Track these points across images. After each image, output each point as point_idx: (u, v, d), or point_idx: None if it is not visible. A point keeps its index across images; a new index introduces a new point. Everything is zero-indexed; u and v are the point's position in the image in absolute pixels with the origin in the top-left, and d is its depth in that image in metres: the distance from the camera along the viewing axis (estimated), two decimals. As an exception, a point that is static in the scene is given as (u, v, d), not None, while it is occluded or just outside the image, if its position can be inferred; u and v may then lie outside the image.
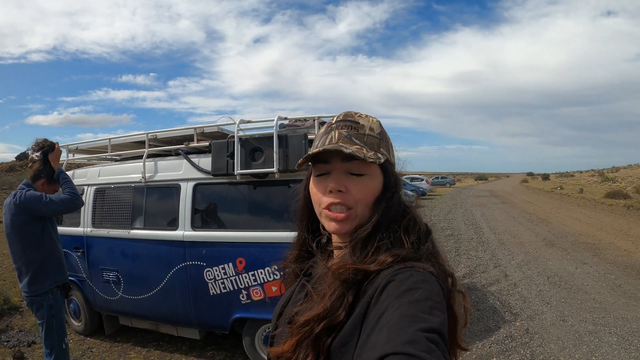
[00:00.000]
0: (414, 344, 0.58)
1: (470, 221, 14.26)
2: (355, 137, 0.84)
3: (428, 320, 0.62)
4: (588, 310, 5.11)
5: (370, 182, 0.84)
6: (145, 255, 3.84)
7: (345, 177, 0.83)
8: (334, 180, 0.83)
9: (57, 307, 2.84)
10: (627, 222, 13.23)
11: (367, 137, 0.85)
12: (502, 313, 5.10)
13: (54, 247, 2.89)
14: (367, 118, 0.89)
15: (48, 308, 2.78)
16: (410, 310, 0.64)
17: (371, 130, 0.87)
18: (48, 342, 2.79)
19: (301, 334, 0.76)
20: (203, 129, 3.78)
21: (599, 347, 4.07)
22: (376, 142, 0.86)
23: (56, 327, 2.80)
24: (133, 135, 4.18)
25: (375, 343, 0.62)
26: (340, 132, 0.85)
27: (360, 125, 0.86)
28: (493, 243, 9.89)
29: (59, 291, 2.89)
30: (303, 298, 0.86)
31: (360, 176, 0.83)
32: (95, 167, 4.33)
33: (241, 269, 3.41)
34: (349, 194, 0.83)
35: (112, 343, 4.34)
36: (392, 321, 0.63)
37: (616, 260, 7.80)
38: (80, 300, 4.36)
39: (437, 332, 0.61)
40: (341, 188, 0.82)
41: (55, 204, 2.73)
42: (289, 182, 3.42)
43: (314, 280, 0.86)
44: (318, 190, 0.87)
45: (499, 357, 3.94)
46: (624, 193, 22.29)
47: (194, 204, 3.65)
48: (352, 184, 0.83)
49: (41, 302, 2.77)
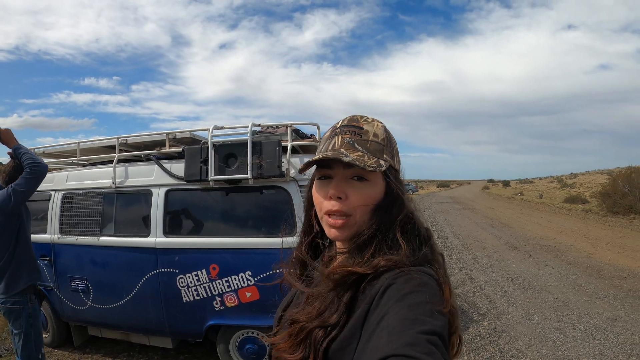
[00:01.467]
0: (414, 346, 0.59)
1: (434, 227, 14.51)
2: (358, 143, 0.85)
3: (428, 323, 0.63)
4: (552, 309, 5.32)
5: (370, 189, 0.84)
6: (116, 262, 3.75)
7: (347, 183, 0.84)
8: (334, 187, 0.84)
9: (35, 316, 2.76)
10: (585, 226, 13.79)
11: (370, 144, 0.85)
12: (470, 314, 5.24)
13: (28, 246, 2.82)
14: (372, 123, 0.89)
15: (27, 317, 2.69)
16: (410, 313, 0.65)
17: (375, 136, 0.87)
18: (25, 352, 2.69)
19: (298, 336, 0.77)
20: (175, 134, 3.74)
21: (565, 343, 4.25)
22: (379, 149, 0.86)
23: (34, 337, 2.71)
24: (103, 139, 4.09)
25: (376, 346, 0.63)
26: (344, 138, 0.86)
27: (364, 131, 0.87)
28: (457, 247, 10.13)
29: (36, 299, 2.81)
30: (303, 301, 0.86)
31: (361, 181, 0.84)
32: (62, 172, 4.21)
33: (215, 275, 3.39)
34: (348, 201, 0.83)
35: (81, 354, 4.21)
36: (392, 324, 0.64)
37: (577, 261, 8.13)
38: (48, 310, 4.21)
39: (437, 335, 0.62)
40: (341, 195, 0.83)
41: (20, 186, 2.61)
42: (262, 189, 3.44)
43: (314, 284, 0.87)
44: (320, 195, 0.87)
45: (469, 356, 4.05)
46: (582, 198, 23.19)
47: (166, 210, 3.60)
48: (352, 191, 0.83)
49: (20, 311, 2.67)
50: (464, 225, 14.96)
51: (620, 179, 16.77)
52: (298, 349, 0.77)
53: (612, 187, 17.07)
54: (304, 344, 0.76)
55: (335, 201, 0.83)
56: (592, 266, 7.64)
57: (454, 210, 22.38)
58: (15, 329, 2.71)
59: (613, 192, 16.69)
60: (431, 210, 22.43)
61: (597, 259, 8.29)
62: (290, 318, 0.83)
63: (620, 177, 16.97)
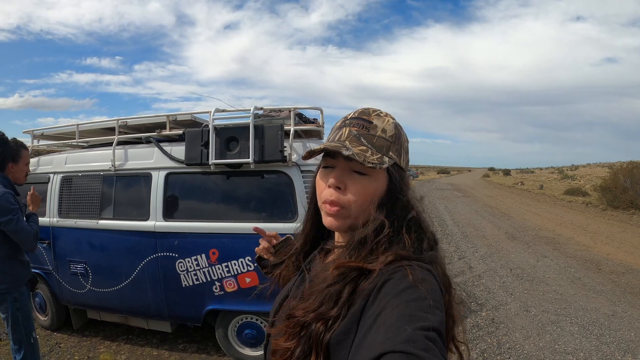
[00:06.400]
0: (412, 343, 0.58)
1: (433, 214, 14.51)
2: (365, 137, 0.85)
3: (426, 319, 0.63)
4: (550, 302, 5.32)
5: (369, 184, 0.84)
6: (115, 246, 3.72)
7: (348, 174, 0.84)
8: (334, 176, 0.84)
9: (22, 300, 2.71)
10: (585, 218, 13.78)
11: (376, 139, 0.85)
12: (468, 303, 5.25)
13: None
14: (383, 118, 0.88)
15: (12, 301, 2.65)
16: (408, 309, 0.64)
17: (383, 132, 0.86)
18: (15, 336, 2.67)
19: (294, 331, 0.77)
20: (176, 116, 3.69)
21: (561, 336, 4.25)
22: (385, 145, 0.85)
23: (22, 320, 2.68)
24: (102, 121, 4.05)
25: (373, 341, 0.62)
26: (351, 130, 0.86)
27: (373, 125, 0.86)
28: (457, 236, 10.12)
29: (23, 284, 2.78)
30: (301, 293, 0.85)
31: (362, 175, 0.83)
32: (61, 154, 4.16)
33: (214, 260, 3.38)
34: (345, 192, 0.84)
35: (80, 337, 4.21)
36: (390, 320, 0.63)
37: (576, 254, 8.13)
38: (47, 293, 4.20)
39: (435, 331, 0.61)
40: (339, 185, 0.84)
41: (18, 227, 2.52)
42: (263, 173, 3.41)
43: (312, 276, 0.86)
44: (321, 183, 0.88)
45: (467, 346, 4.05)
46: (583, 190, 23.19)
47: (166, 194, 3.57)
48: (352, 183, 0.84)
49: (4, 296, 2.65)
50: (464, 213, 14.96)
51: (621, 174, 16.71)
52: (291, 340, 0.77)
53: (613, 181, 17.02)
54: (299, 337, 0.76)
55: (333, 190, 0.84)
56: (591, 260, 7.64)
57: (454, 198, 22.36)
58: (2, 313, 2.68)
59: (614, 187, 16.64)
60: (431, 197, 22.46)
61: (596, 252, 8.28)
62: (287, 313, 0.82)
63: (622, 171, 16.91)
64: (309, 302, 0.78)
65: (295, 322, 0.77)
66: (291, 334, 0.77)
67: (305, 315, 0.76)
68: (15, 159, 2.75)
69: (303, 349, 0.74)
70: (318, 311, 0.75)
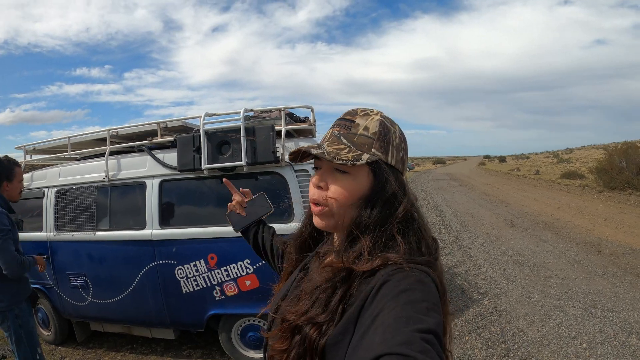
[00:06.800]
0: (409, 345, 0.58)
1: (431, 204, 14.56)
2: (345, 136, 0.85)
3: (424, 321, 0.63)
4: (552, 287, 5.34)
5: (349, 182, 0.83)
6: (113, 257, 3.71)
7: (330, 173, 0.85)
8: (316, 176, 0.87)
9: (24, 316, 2.70)
10: (582, 201, 13.84)
11: (357, 137, 0.85)
12: (470, 293, 5.26)
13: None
14: (367, 117, 0.87)
15: (14, 318, 2.64)
16: (406, 311, 0.64)
17: (365, 129, 0.85)
18: (20, 353, 2.66)
19: (288, 333, 0.77)
20: (166, 123, 3.69)
21: (565, 321, 4.27)
22: (367, 142, 0.84)
23: (26, 337, 2.67)
24: (93, 132, 4.03)
25: (370, 343, 0.62)
26: (333, 131, 0.88)
27: (355, 124, 0.86)
28: (455, 225, 10.15)
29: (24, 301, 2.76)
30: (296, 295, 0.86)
31: (342, 174, 0.84)
32: (55, 168, 4.14)
33: (213, 265, 3.37)
34: (326, 191, 0.85)
35: (85, 350, 4.21)
36: (387, 322, 0.63)
37: (575, 237, 8.16)
38: (48, 308, 4.19)
39: (432, 333, 0.61)
40: (320, 184, 0.86)
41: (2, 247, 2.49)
42: (257, 175, 3.41)
43: (308, 278, 0.86)
44: (310, 184, 0.89)
45: (471, 336, 4.06)
46: (579, 173, 23.27)
47: (161, 201, 3.56)
48: (332, 182, 0.84)
49: (5, 314, 2.64)
50: (461, 203, 14.98)
51: (616, 154, 16.78)
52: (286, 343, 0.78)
53: (608, 163, 17.08)
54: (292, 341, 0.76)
55: (316, 190, 0.86)
56: (590, 242, 7.67)
57: (451, 188, 22.40)
58: (5, 331, 2.68)
59: (609, 168, 16.71)
60: (428, 188, 22.51)
61: (595, 235, 8.32)
62: (281, 316, 0.83)
63: (617, 152, 16.98)
64: (299, 305, 0.79)
65: (287, 325, 0.78)
66: (284, 338, 0.77)
67: (297, 319, 0.76)
68: (10, 177, 2.75)
69: (297, 353, 0.74)
70: (307, 315, 0.75)
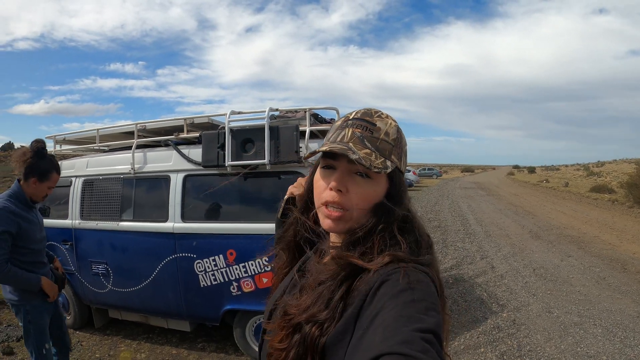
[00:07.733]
0: (409, 344, 0.58)
1: (457, 213, 14.38)
2: (368, 140, 0.83)
3: (424, 320, 0.62)
4: (573, 302, 5.19)
5: (372, 188, 0.82)
6: (135, 247, 3.80)
7: (350, 177, 0.83)
8: (336, 179, 0.82)
9: (35, 313, 2.67)
10: (611, 216, 13.44)
11: (380, 142, 0.83)
12: (489, 304, 5.17)
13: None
14: (386, 120, 0.86)
15: (25, 314, 2.67)
16: (405, 310, 0.64)
17: (386, 135, 0.84)
18: (28, 346, 2.72)
19: (288, 329, 0.76)
20: (193, 119, 3.75)
21: (584, 339, 4.14)
22: (388, 149, 0.84)
23: (34, 333, 2.66)
24: (122, 125, 4.13)
25: (370, 343, 0.62)
26: (354, 132, 0.84)
27: (377, 128, 0.84)
28: (480, 235, 9.99)
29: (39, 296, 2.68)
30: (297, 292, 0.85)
31: (364, 178, 0.82)
32: (83, 158, 4.26)
33: (232, 260, 3.41)
34: (348, 195, 0.82)
35: (101, 336, 4.31)
36: (387, 321, 0.63)
37: (601, 253, 7.93)
38: (69, 293, 4.31)
39: (432, 333, 0.61)
40: (342, 188, 0.82)
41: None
42: (280, 174, 3.42)
43: (309, 273, 0.86)
44: (321, 184, 0.86)
45: (486, 348, 3.99)
46: (609, 187, 22.62)
47: (184, 196, 3.62)
48: (354, 187, 0.82)
49: (19, 307, 2.66)
50: (487, 212, 14.75)
51: (648, 169, 16.25)
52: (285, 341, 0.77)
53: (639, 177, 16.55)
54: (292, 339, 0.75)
55: (335, 193, 0.82)
56: (617, 259, 7.44)
57: (478, 196, 22.11)
58: (20, 323, 2.73)
59: (641, 183, 16.20)
60: (454, 196, 22.27)
61: (622, 252, 8.06)
62: (282, 310, 0.82)
63: (649, 167, 16.45)
64: (302, 299, 0.78)
65: (288, 319, 0.77)
66: (285, 335, 0.77)
67: (298, 315, 0.76)
68: (42, 178, 2.58)
69: (297, 352, 0.74)
70: (309, 312, 0.74)
